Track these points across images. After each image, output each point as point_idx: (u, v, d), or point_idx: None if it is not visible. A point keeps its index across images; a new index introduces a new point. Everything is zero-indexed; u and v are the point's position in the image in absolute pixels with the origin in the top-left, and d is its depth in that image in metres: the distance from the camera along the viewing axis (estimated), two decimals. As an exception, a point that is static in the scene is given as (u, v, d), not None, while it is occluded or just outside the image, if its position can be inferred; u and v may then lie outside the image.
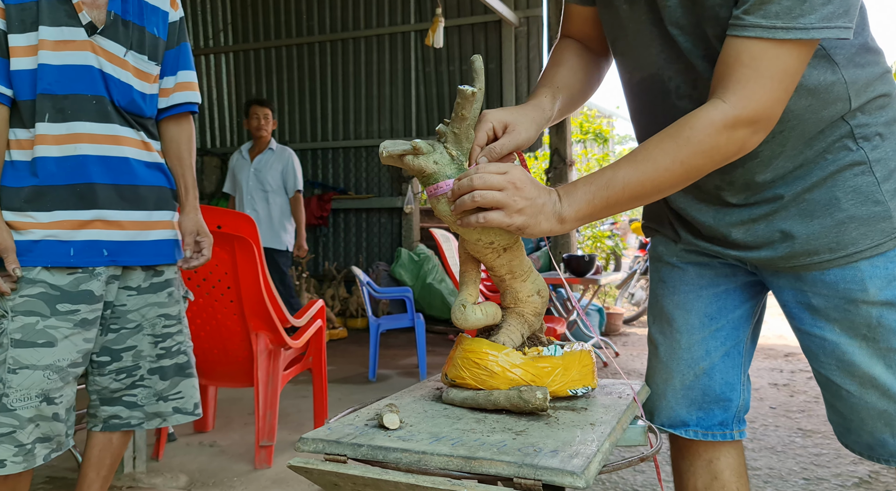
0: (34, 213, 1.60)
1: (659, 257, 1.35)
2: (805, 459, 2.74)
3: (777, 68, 0.95)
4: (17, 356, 1.56)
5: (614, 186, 1.00)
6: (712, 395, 1.28)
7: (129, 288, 1.75)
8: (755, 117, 0.97)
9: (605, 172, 1.01)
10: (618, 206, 1.02)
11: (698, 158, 0.99)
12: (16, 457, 1.55)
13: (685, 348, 1.28)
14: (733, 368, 1.28)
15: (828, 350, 1.12)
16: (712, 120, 0.97)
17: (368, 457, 0.90)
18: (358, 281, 4.32)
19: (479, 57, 1.02)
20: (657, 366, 1.33)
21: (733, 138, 0.98)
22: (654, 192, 1.02)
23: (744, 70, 0.96)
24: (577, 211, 1.00)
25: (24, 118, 1.61)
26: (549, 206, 1.00)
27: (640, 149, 1.02)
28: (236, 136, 7.83)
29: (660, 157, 0.99)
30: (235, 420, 3.31)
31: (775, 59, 0.95)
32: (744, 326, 1.28)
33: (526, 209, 0.98)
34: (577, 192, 1.01)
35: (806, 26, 0.92)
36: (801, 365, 4.69)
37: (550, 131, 5.71)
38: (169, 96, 1.83)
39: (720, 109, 0.97)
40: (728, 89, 0.97)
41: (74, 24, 1.60)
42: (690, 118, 0.99)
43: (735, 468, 1.30)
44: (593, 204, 1.00)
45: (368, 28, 7.10)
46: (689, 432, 1.30)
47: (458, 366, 1.10)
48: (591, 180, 1.01)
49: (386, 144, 1.01)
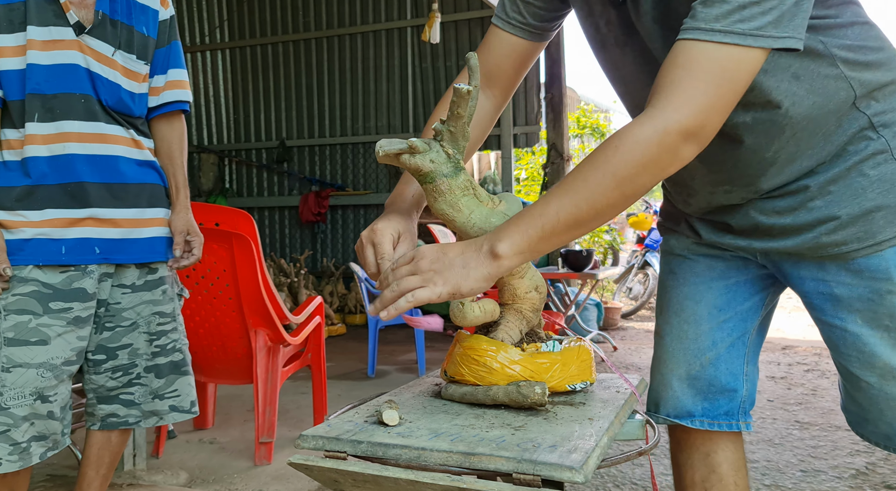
0: (25, 212, 1.60)
1: (670, 250, 1.36)
2: (802, 451, 2.75)
3: (713, 70, 0.88)
4: (10, 355, 1.56)
5: (547, 214, 0.93)
6: (718, 385, 1.29)
7: (123, 286, 1.75)
8: (688, 125, 0.89)
9: (538, 203, 0.96)
10: (555, 235, 0.94)
11: (631, 170, 0.90)
12: (11, 456, 1.55)
13: (692, 339, 1.28)
14: (737, 358, 1.29)
15: (849, 341, 1.12)
16: (642, 129, 0.90)
17: (368, 453, 0.91)
18: (356, 277, 4.32)
19: (475, 54, 1.01)
20: (663, 356, 1.33)
21: (664, 146, 0.89)
22: (592, 215, 0.93)
23: (677, 71, 0.90)
24: (511, 244, 0.94)
25: (14, 118, 1.61)
26: (472, 253, 0.96)
27: (572, 172, 0.95)
28: (232, 133, 7.81)
29: (591, 176, 0.92)
30: (235, 417, 3.31)
31: (712, 61, 0.88)
32: (751, 318, 1.29)
33: (443, 273, 0.95)
34: (510, 227, 0.96)
35: (744, 32, 0.87)
36: (798, 358, 4.71)
37: (548, 127, 5.71)
38: (159, 95, 1.83)
39: (649, 116, 0.90)
40: (660, 93, 0.91)
41: (62, 24, 1.60)
42: (621, 131, 0.93)
43: (733, 462, 1.31)
44: (528, 234, 0.94)
45: (365, 24, 7.08)
46: (696, 422, 1.30)
47: (456, 363, 1.11)
48: (524, 213, 0.97)
49: (382, 143, 1.01)
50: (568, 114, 5.92)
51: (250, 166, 7.72)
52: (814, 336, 5.46)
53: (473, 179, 1.08)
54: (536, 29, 1.23)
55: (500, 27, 1.24)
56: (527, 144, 6.74)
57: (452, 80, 6.79)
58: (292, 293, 5.88)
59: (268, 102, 7.60)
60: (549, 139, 5.71)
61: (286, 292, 5.82)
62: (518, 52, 1.24)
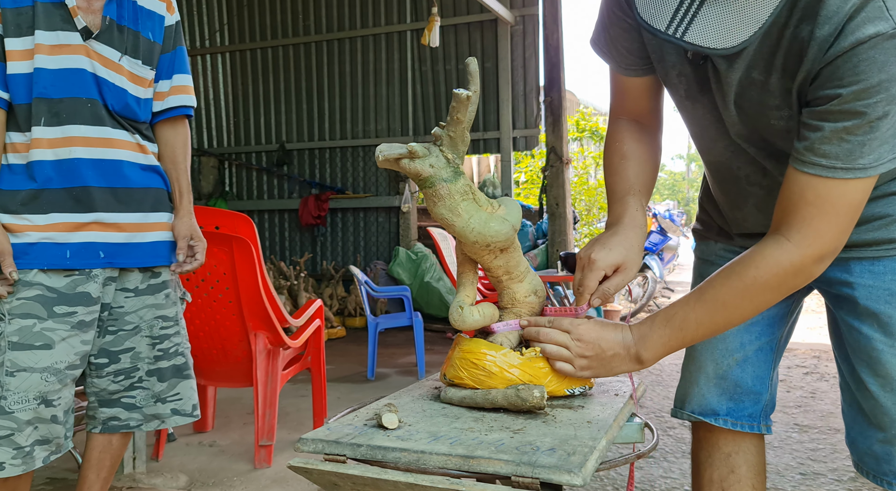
0: (30, 216, 1.60)
1: (701, 256, 1.41)
2: (802, 454, 2.76)
3: (842, 204, 0.96)
4: (14, 359, 1.56)
5: (688, 328, 1.06)
6: (744, 386, 1.31)
7: (127, 290, 1.76)
8: (822, 254, 0.99)
9: (678, 313, 1.07)
10: (692, 341, 1.09)
11: (767, 293, 1.02)
12: (14, 459, 1.55)
13: (720, 339, 1.31)
14: (765, 362, 1.32)
15: (861, 344, 1.13)
16: (779, 261, 1.00)
17: (367, 457, 0.91)
18: (356, 280, 4.33)
19: (475, 59, 1.02)
20: (692, 354, 1.36)
21: (801, 274, 1.00)
22: (726, 327, 1.07)
23: (809, 208, 0.97)
24: (654, 354, 1.07)
25: (20, 122, 1.62)
26: (622, 353, 1.07)
27: (708, 289, 1.05)
28: (233, 137, 7.82)
29: (729, 299, 1.03)
30: (235, 420, 3.32)
31: (841, 196, 0.96)
32: (779, 324, 1.31)
33: (592, 363, 1.07)
34: (653, 335, 1.07)
35: (865, 166, 0.93)
36: (798, 360, 4.71)
37: (547, 130, 5.72)
38: (164, 100, 1.83)
39: (785, 250, 0.99)
40: (793, 227, 0.99)
41: (70, 29, 1.61)
42: (756, 257, 1.01)
43: (754, 465, 1.33)
44: (669, 345, 1.07)
45: (364, 27, 7.10)
46: (719, 421, 1.32)
47: (456, 366, 1.11)
48: (664, 322, 1.07)
49: (382, 148, 1.02)
50: (567, 117, 5.92)
51: (250, 169, 7.73)
52: (813, 339, 5.47)
53: (473, 184, 1.09)
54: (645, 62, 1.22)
55: (626, 75, 1.25)
56: (526, 148, 6.75)
57: (452, 83, 6.81)
58: (292, 296, 5.88)
59: (268, 106, 7.61)
60: (549, 142, 5.72)
61: (286, 295, 5.82)
62: (645, 89, 1.25)
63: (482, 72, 6.44)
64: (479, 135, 6.61)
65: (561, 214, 5.59)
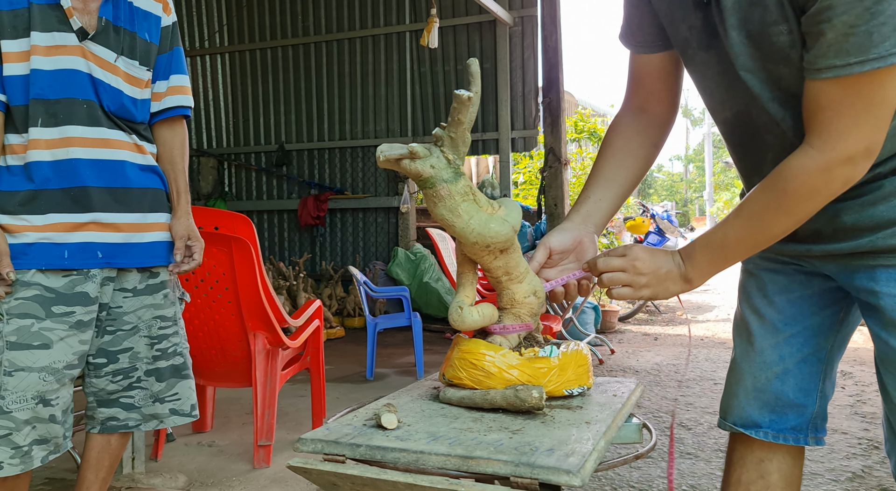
0: (28, 217, 1.61)
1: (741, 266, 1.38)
2: (800, 455, 2.76)
3: (861, 102, 0.94)
4: (12, 358, 1.56)
5: (728, 244, 1.10)
6: (785, 399, 1.28)
7: (125, 290, 1.76)
8: (850, 155, 0.97)
9: (718, 232, 1.11)
10: (737, 258, 1.12)
11: (802, 203, 1.03)
12: (13, 459, 1.56)
13: (758, 352, 1.29)
14: (811, 374, 1.28)
15: (890, 357, 1.10)
16: (804, 167, 1.00)
17: (367, 457, 0.91)
18: (355, 280, 4.33)
19: (476, 61, 1.03)
20: (732, 366, 1.35)
21: (831, 178, 0.99)
22: (769, 240, 1.09)
23: (825, 113, 0.96)
24: (700, 272, 1.12)
25: (18, 123, 1.62)
26: (675, 270, 1.13)
27: (745, 205, 1.08)
28: (232, 137, 7.82)
29: (764, 213, 1.05)
30: (234, 420, 3.32)
31: (857, 94, 0.94)
32: (825, 334, 1.27)
33: (650, 282, 1.12)
34: (697, 255, 1.12)
35: (881, 54, 0.89)
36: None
37: (545, 130, 5.72)
38: (161, 100, 1.84)
39: (810, 156, 0.99)
40: (814, 133, 0.99)
41: (66, 30, 1.61)
42: (784, 169, 1.02)
43: (787, 475, 1.30)
44: (713, 263, 1.12)
45: (364, 28, 7.10)
46: (760, 433, 1.29)
47: (455, 367, 1.12)
48: (707, 243, 1.12)
49: (383, 148, 1.02)
50: (565, 118, 5.92)
51: (249, 170, 7.73)
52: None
53: (473, 185, 1.09)
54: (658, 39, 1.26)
55: (641, 52, 1.29)
56: (525, 148, 6.75)
57: (451, 84, 6.81)
58: (291, 296, 5.88)
59: (267, 106, 7.61)
60: (547, 143, 5.72)
61: (285, 296, 5.83)
62: (661, 66, 1.29)
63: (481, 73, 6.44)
64: (478, 135, 6.62)
65: (559, 215, 5.59)
